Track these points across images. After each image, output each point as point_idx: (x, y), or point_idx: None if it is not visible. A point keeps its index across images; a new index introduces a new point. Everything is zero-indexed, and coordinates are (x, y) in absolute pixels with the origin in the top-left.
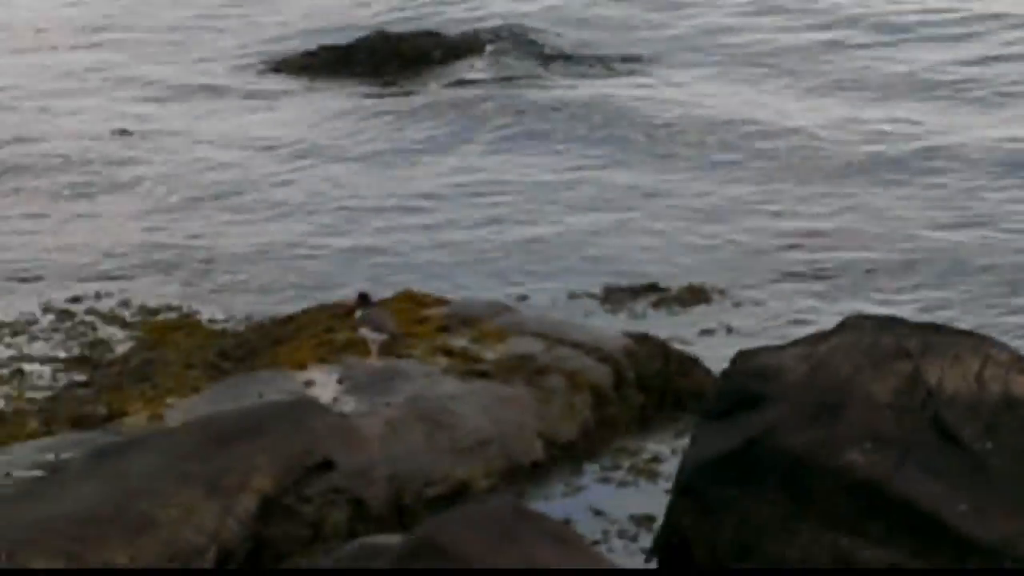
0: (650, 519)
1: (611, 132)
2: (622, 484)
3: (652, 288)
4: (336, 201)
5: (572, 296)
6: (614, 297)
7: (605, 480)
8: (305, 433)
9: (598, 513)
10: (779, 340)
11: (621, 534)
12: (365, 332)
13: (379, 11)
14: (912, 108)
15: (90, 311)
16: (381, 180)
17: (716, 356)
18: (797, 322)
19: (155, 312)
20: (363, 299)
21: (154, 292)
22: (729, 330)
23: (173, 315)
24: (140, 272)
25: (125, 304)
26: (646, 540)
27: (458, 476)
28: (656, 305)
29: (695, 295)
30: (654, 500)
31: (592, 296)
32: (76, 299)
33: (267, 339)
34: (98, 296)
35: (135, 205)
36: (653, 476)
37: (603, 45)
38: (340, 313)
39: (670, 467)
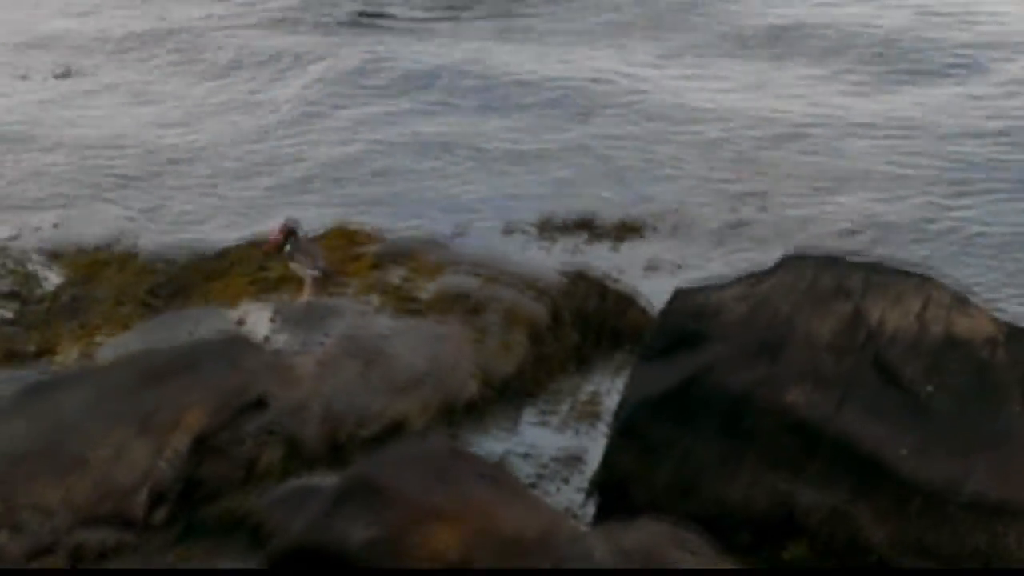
0: (587, 459)
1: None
2: (559, 423)
3: (587, 223)
4: (284, 130)
5: (507, 231)
6: (549, 232)
7: (542, 419)
8: (238, 371)
9: (534, 453)
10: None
11: (557, 474)
12: (297, 268)
13: None
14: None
15: (20, 245)
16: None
17: (654, 293)
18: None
19: (88, 248)
20: (289, 231)
21: (88, 226)
22: (667, 266)
23: (108, 250)
24: (73, 205)
25: (57, 238)
26: (583, 480)
27: (393, 414)
28: (592, 240)
29: (631, 230)
30: (591, 440)
31: (527, 232)
32: (6, 234)
33: (199, 275)
34: (32, 230)
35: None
36: (590, 415)
37: None
38: (267, 250)
39: (608, 406)
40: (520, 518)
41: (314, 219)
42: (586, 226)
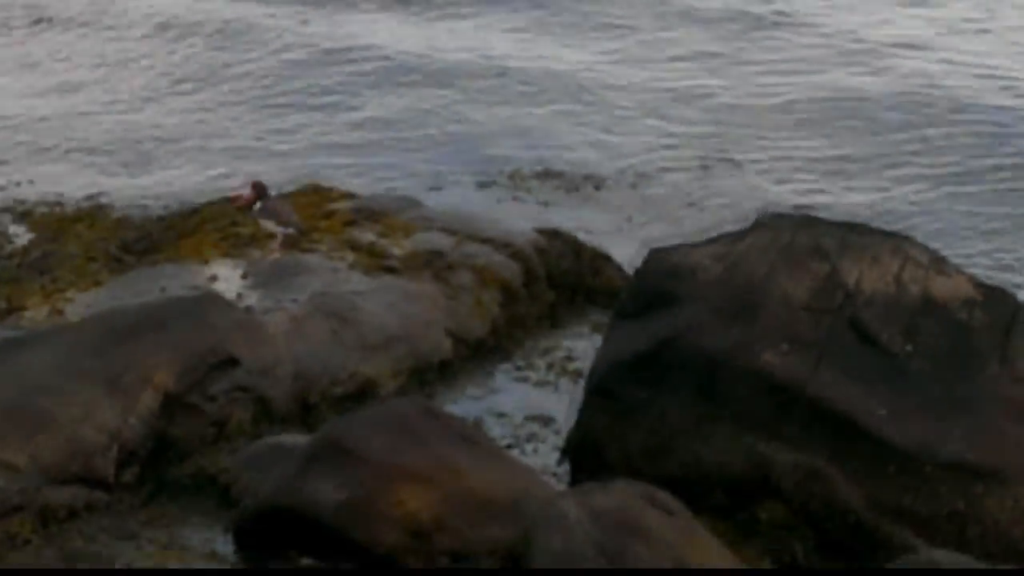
0: (562, 420)
1: None
2: (533, 384)
3: (558, 175)
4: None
5: (482, 185)
6: (523, 190)
7: (516, 380)
8: (209, 329)
9: (509, 413)
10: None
11: (532, 435)
12: (268, 225)
13: None
14: None
15: None
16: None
17: (627, 252)
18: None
19: (58, 203)
20: (259, 190)
21: (59, 182)
22: (640, 224)
23: (79, 205)
24: (44, 160)
25: (28, 193)
26: (557, 441)
27: (364, 374)
28: (566, 197)
29: (605, 188)
30: (566, 400)
31: (500, 189)
32: None
33: (171, 232)
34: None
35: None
36: (564, 376)
37: None
38: (237, 205)
39: (583, 366)
40: (494, 479)
41: (286, 177)
42: (562, 184)
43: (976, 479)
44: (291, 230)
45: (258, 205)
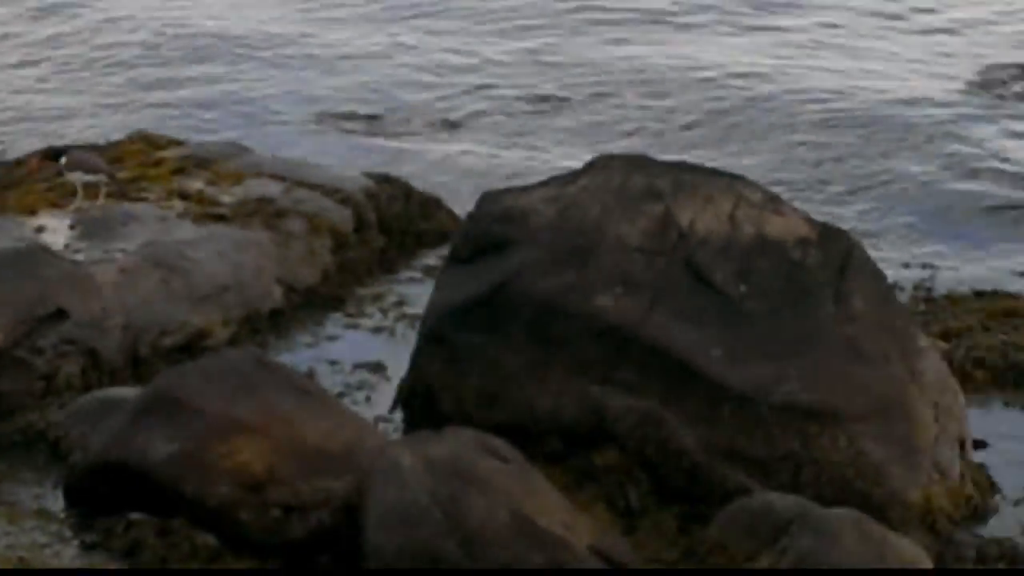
0: (395, 368)
1: None
2: (366, 331)
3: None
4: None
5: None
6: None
7: (348, 327)
8: (36, 281)
9: (342, 361)
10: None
11: (364, 384)
12: (76, 177)
13: None
14: None
15: None
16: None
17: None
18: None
19: None
20: (52, 153)
21: None
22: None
23: None
24: None
25: None
26: (391, 389)
27: (195, 325)
28: (397, 137)
29: (439, 128)
30: (399, 348)
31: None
32: None
33: None
34: None
35: None
36: (398, 322)
37: None
38: (30, 173)
39: (415, 313)
40: (327, 430)
41: (110, 128)
42: (392, 127)
43: (810, 419)
44: (102, 177)
45: (63, 160)
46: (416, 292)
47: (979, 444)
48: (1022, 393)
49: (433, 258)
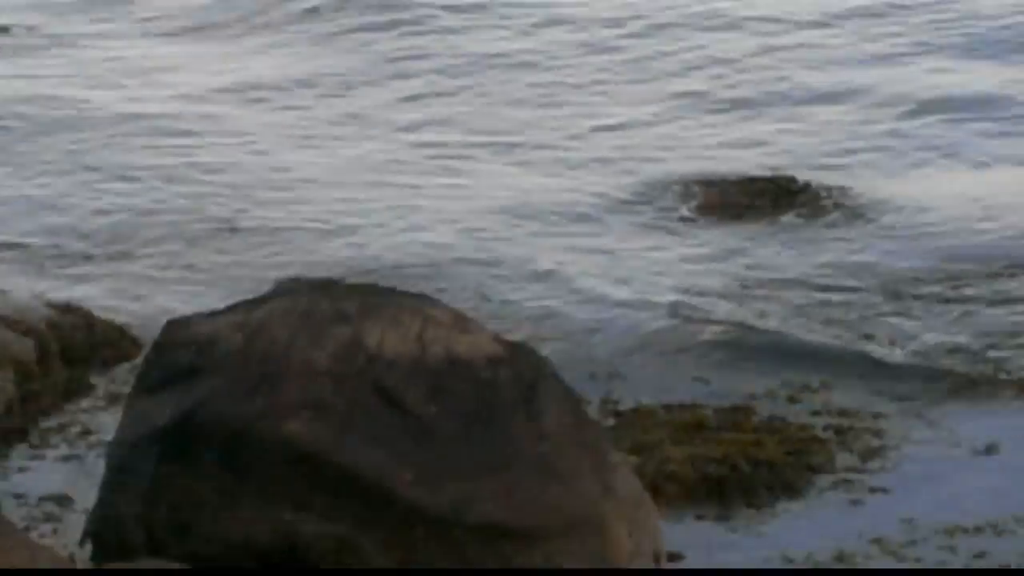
0: (82, 499)
1: None
2: (52, 462)
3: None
4: None
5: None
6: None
7: (33, 459)
8: None
9: (25, 494)
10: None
11: (51, 517)
12: None
13: None
14: None
15: None
16: None
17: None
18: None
19: None
20: None
21: None
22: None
23: None
24: None
25: None
26: (79, 521)
27: None
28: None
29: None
30: (87, 479)
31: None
32: None
33: None
34: None
35: None
36: (86, 453)
37: None
38: None
39: (101, 443)
40: (13, 564)
41: None
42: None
43: (505, 539)
44: None
45: None
46: (102, 421)
47: (674, 557)
48: (713, 505)
49: (119, 386)
